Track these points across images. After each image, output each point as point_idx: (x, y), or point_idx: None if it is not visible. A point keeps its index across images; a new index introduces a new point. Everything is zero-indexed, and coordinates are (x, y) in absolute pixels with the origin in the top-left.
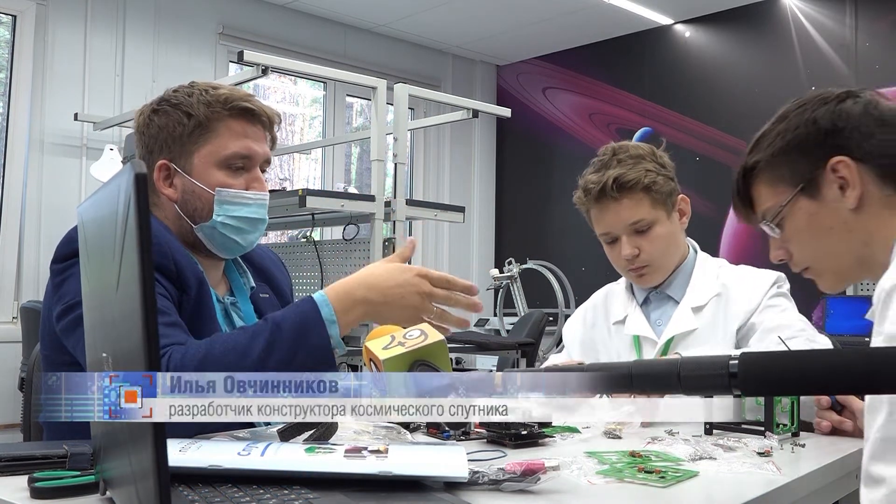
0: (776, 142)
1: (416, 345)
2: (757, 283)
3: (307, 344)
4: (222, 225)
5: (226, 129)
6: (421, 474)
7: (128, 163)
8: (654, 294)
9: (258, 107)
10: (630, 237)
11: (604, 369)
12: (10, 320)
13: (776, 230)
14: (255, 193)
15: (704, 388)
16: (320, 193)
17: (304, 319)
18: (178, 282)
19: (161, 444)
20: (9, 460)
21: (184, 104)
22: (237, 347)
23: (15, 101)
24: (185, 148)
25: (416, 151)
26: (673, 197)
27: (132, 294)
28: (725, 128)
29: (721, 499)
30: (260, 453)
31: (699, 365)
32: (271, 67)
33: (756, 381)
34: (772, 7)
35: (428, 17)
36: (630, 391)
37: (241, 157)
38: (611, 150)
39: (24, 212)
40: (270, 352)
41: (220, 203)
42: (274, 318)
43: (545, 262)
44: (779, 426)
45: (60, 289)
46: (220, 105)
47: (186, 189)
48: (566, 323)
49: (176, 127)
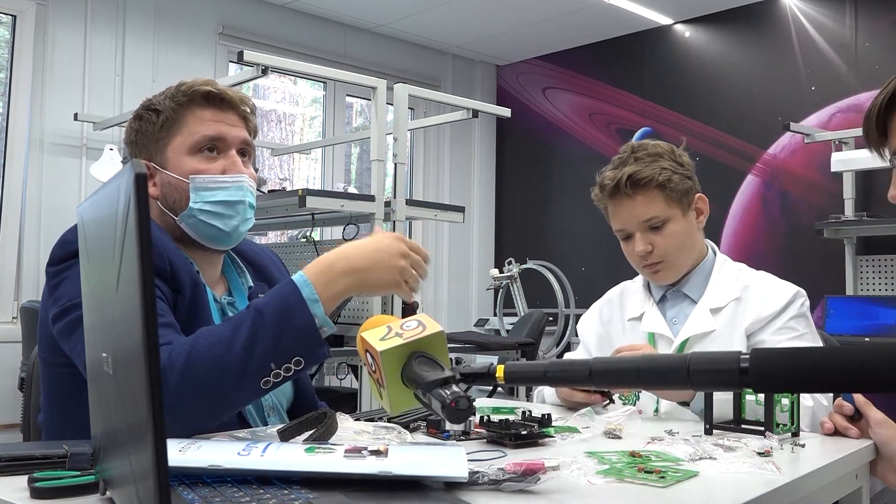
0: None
1: (414, 336)
2: (776, 294)
3: (291, 327)
4: (200, 212)
5: (193, 118)
6: (421, 474)
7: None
8: (671, 292)
9: (220, 90)
10: (644, 234)
11: (612, 363)
12: (10, 320)
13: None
14: (230, 176)
15: (714, 384)
16: (320, 193)
17: (286, 303)
18: (172, 282)
19: (161, 444)
20: (9, 460)
21: (153, 104)
22: (221, 340)
23: (15, 101)
24: (159, 144)
25: (416, 151)
26: (689, 196)
27: (132, 294)
28: (725, 128)
29: (721, 499)
30: (260, 453)
31: (709, 360)
32: (271, 67)
33: (768, 377)
34: (772, 7)
35: (428, 17)
36: (638, 386)
37: (210, 140)
38: (630, 148)
39: (24, 212)
40: (255, 340)
41: (195, 190)
42: (256, 304)
43: (545, 262)
44: (779, 426)
45: (56, 291)
46: (182, 95)
47: (164, 183)
48: (581, 319)
49: (148, 127)
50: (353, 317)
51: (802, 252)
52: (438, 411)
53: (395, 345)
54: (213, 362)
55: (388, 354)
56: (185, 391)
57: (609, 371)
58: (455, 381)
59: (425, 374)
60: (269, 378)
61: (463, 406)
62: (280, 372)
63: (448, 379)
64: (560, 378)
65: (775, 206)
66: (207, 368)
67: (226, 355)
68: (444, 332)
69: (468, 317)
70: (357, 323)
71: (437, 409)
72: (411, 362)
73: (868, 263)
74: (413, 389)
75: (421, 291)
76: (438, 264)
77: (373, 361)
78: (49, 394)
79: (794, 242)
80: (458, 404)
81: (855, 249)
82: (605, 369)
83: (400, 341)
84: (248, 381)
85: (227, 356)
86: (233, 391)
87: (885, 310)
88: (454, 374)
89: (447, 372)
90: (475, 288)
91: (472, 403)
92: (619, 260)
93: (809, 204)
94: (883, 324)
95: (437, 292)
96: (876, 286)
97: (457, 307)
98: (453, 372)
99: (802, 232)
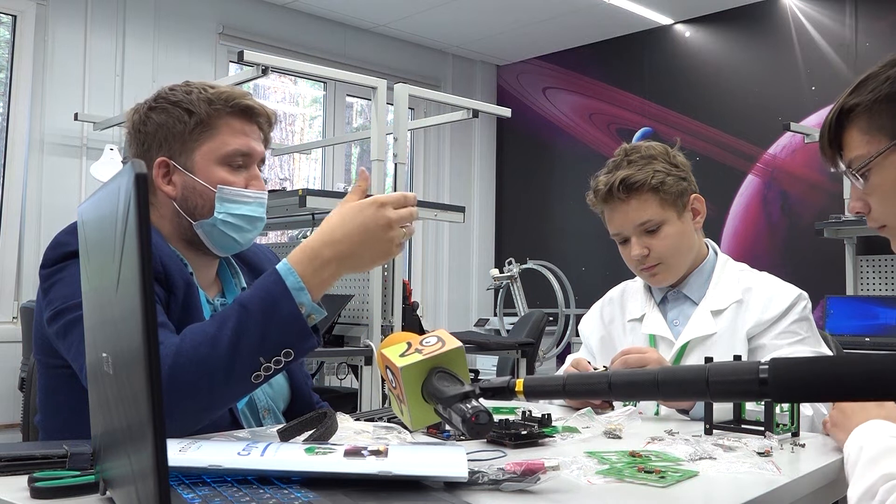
0: (883, 87)
1: (434, 352)
2: (778, 297)
3: (277, 319)
4: (223, 223)
5: (226, 127)
6: (421, 474)
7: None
8: (672, 293)
9: (258, 106)
10: (639, 237)
11: (630, 376)
12: (10, 320)
13: (860, 180)
14: (254, 192)
15: (734, 395)
16: (320, 193)
17: (269, 294)
18: (165, 283)
19: (161, 444)
20: (9, 460)
21: (183, 102)
22: (206, 338)
23: (15, 101)
24: (186, 145)
25: (416, 151)
26: (685, 197)
27: (132, 294)
28: (725, 128)
29: (721, 499)
30: (260, 453)
31: (729, 371)
32: (271, 67)
33: (787, 387)
34: (772, 7)
35: (428, 17)
36: (656, 398)
37: (241, 155)
38: (623, 151)
39: (24, 212)
40: (240, 335)
41: (221, 200)
42: (240, 298)
43: (545, 262)
44: (779, 426)
45: (49, 293)
46: (223, 103)
47: (187, 186)
48: (583, 320)
49: (176, 124)
50: (353, 317)
51: (802, 252)
52: (459, 426)
53: (414, 360)
54: (199, 360)
55: (409, 370)
56: (173, 391)
57: (628, 384)
58: (475, 395)
59: (445, 390)
60: (259, 373)
61: (483, 420)
62: (270, 365)
63: (468, 394)
64: (579, 391)
65: (775, 206)
66: (195, 367)
67: (212, 354)
68: (462, 347)
69: (468, 317)
70: (358, 323)
71: (457, 424)
72: (431, 378)
73: (868, 263)
74: (433, 405)
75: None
76: (438, 264)
77: (393, 378)
78: (45, 395)
79: (794, 242)
80: (478, 419)
81: (855, 249)
82: (625, 382)
83: (420, 357)
84: (236, 377)
85: (214, 355)
86: (223, 389)
87: (885, 310)
88: (474, 388)
89: (467, 387)
90: (475, 288)
91: (491, 417)
92: (618, 260)
93: (809, 204)
94: (883, 324)
95: (437, 292)
96: (876, 286)
97: (457, 307)
98: (473, 387)
99: (802, 232)
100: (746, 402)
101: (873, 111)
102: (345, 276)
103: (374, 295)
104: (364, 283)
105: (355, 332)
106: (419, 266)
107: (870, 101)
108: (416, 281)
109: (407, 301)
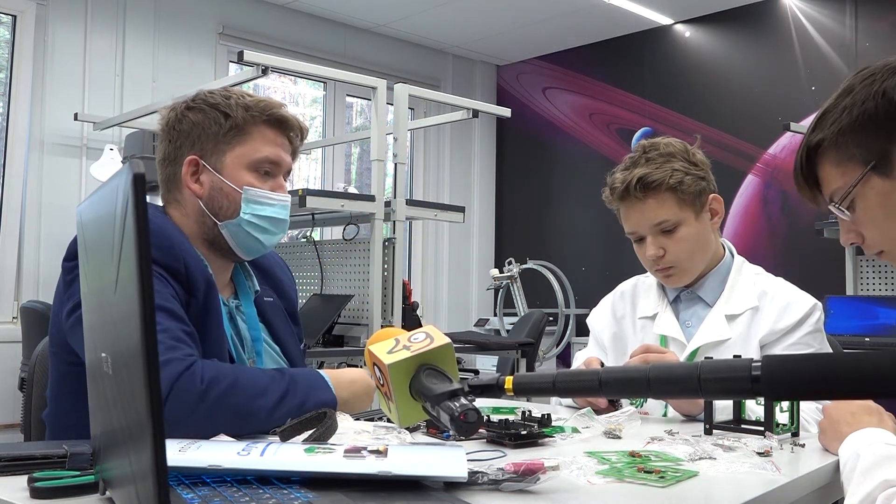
0: (842, 118)
1: (422, 348)
2: (793, 307)
3: (316, 397)
4: (247, 223)
5: (259, 135)
6: (420, 474)
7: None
8: (685, 294)
9: (293, 118)
10: (655, 237)
11: (621, 373)
12: (10, 320)
13: (846, 213)
14: (279, 195)
15: (725, 392)
16: (320, 193)
17: (314, 378)
18: (186, 284)
19: (160, 444)
20: (9, 460)
21: (221, 105)
22: (258, 384)
23: (15, 101)
24: (218, 147)
25: (416, 151)
26: (703, 197)
27: (131, 294)
28: (725, 128)
29: (721, 499)
30: (259, 453)
31: (720, 368)
32: (271, 67)
33: (780, 385)
34: (772, 7)
35: (428, 17)
36: (648, 395)
37: (270, 163)
38: (641, 148)
39: (24, 212)
40: (285, 396)
41: (247, 201)
42: (287, 371)
43: (545, 262)
44: (779, 426)
45: (71, 286)
46: (259, 111)
47: (215, 186)
48: (593, 313)
49: (212, 125)
50: (353, 317)
51: (802, 252)
52: (447, 424)
53: (402, 358)
54: (248, 400)
55: (396, 367)
56: (215, 412)
57: (619, 380)
58: (463, 393)
59: (433, 387)
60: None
61: (472, 419)
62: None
63: (456, 391)
64: (569, 389)
65: (775, 206)
66: (246, 400)
67: (257, 401)
68: (451, 344)
69: (468, 317)
70: (357, 323)
71: (445, 422)
72: (419, 375)
73: (868, 263)
74: (421, 402)
75: (421, 291)
76: (438, 264)
77: (381, 375)
78: (56, 389)
79: (794, 242)
80: (466, 417)
81: (855, 249)
82: (615, 379)
83: (408, 354)
84: (267, 424)
85: (259, 403)
86: (250, 427)
87: (885, 310)
88: (462, 386)
89: (455, 384)
90: (475, 288)
91: (480, 416)
92: (619, 260)
93: (809, 204)
94: (883, 324)
95: (437, 292)
96: (876, 286)
97: (457, 307)
98: (462, 384)
99: (802, 232)
100: (746, 402)
101: (839, 143)
102: (345, 276)
103: (374, 295)
104: (364, 284)
105: (355, 332)
106: (419, 266)
107: (833, 133)
108: (416, 281)
109: (407, 301)
